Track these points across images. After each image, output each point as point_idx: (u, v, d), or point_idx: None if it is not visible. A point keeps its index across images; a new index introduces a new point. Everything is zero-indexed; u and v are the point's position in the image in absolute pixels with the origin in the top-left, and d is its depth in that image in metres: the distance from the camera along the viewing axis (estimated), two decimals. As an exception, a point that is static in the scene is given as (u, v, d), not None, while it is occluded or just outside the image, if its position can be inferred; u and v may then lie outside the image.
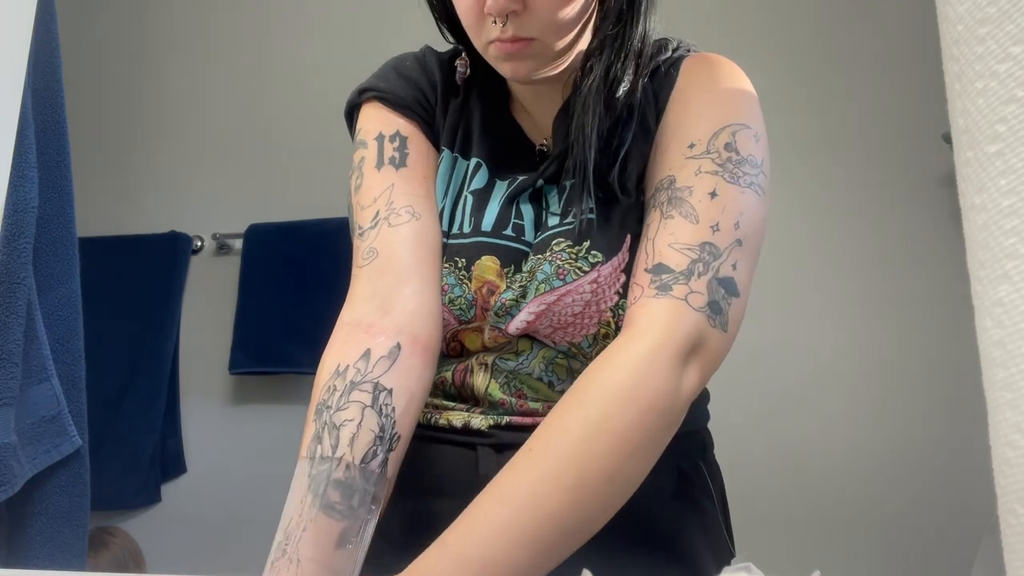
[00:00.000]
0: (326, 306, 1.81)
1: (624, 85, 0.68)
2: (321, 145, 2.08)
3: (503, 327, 0.69)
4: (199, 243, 2.15)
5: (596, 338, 0.68)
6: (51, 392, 0.96)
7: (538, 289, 0.67)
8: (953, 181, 0.73)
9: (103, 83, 2.30)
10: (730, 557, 0.73)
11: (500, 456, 0.68)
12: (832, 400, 1.81)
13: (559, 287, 0.67)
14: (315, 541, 0.54)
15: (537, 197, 0.73)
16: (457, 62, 0.77)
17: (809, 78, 1.96)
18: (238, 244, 2.12)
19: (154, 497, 2.00)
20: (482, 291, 0.69)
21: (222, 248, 2.15)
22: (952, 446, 1.70)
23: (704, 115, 0.67)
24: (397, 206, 0.69)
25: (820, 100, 1.95)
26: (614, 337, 0.61)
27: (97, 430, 1.23)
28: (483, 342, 0.71)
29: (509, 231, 0.71)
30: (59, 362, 1.00)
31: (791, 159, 1.87)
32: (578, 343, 0.69)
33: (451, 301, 0.69)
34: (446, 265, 0.70)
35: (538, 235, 0.71)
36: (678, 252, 0.60)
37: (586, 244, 0.68)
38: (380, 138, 0.73)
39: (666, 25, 0.73)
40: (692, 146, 0.65)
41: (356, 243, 0.69)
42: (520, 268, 0.70)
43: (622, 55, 0.67)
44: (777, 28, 2.00)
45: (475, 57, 0.73)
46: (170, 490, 2.03)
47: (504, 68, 0.68)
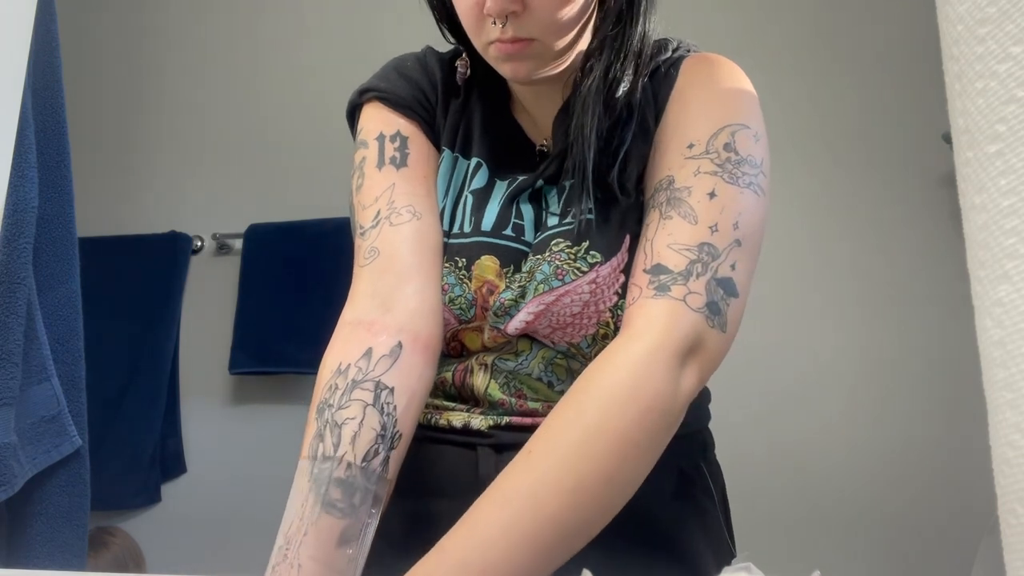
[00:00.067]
0: (326, 306, 1.84)
1: (624, 85, 0.68)
2: (321, 145, 2.08)
3: (502, 327, 0.69)
4: (199, 243, 2.15)
5: (595, 338, 0.68)
6: (51, 392, 0.96)
7: (537, 289, 0.67)
8: (953, 181, 0.73)
9: (103, 83, 2.30)
10: (731, 557, 0.73)
11: (500, 456, 0.68)
12: (832, 400, 1.81)
13: (558, 287, 0.67)
14: (316, 540, 0.54)
15: (537, 197, 0.73)
16: (457, 63, 0.77)
17: (809, 78, 1.96)
18: (238, 244, 2.12)
19: (154, 497, 2.00)
20: (482, 291, 0.69)
21: (222, 248, 2.15)
22: (952, 446, 1.70)
23: (703, 115, 0.67)
24: (398, 205, 0.69)
25: (820, 100, 1.95)
26: (613, 337, 0.61)
27: (97, 430, 1.23)
28: (483, 342, 0.71)
29: (509, 231, 0.71)
30: (59, 362, 1.00)
31: (791, 159, 1.87)
32: (577, 343, 0.69)
33: (451, 301, 0.69)
34: (446, 264, 0.70)
35: (538, 235, 0.71)
36: (676, 253, 0.60)
37: (585, 244, 0.68)
38: (381, 138, 0.73)
39: (666, 25, 0.73)
40: (691, 146, 0.65)
41: (357, 242, 0.69)
42: (519, 268, 0.69)
43: (621, 55, 0.67)
44: (777, 28, 2.00)
45: (476, 57, 0.73)
46: (170, 490, 2.03)
47: (504, 69, 0.68)
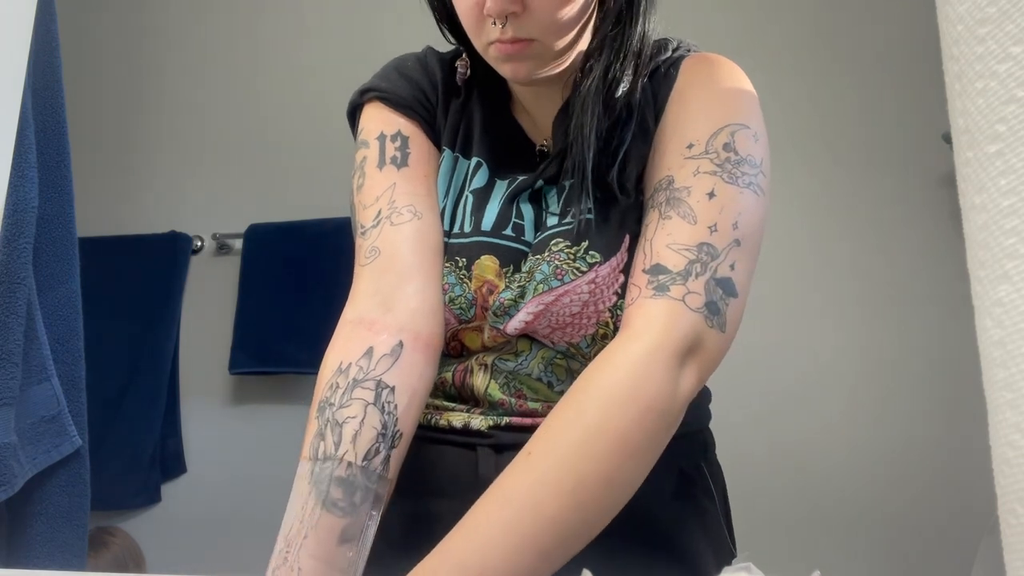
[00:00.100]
0: (326, 306, 1.84)
1: (623, 85, 0.68)
2: (321, 145, 2.08)
3: (501, 327, 0.69)
4: (199, 243, 2.15)
5: (594, 338, 0.68)
6: (51, 392, 0.96)
7: (536, 289, 0.67)
8: (953, 181, 0.73)
9: (103, 83, 2.30)
10: (731, 557, 0.73)
11: (500, 457, 0.68)
12: (832, 400, 1.81)
13: (557, 287, 0.67)
14: (317, 539, 0.54)
15: (537, 197, 0.73)
16: (457, 63, 0.77)
17: (809, 78, 1.96)
18: (238, 244, 2.12)
19: (154, 497, 2.00)
20: (482, 290, 0.69)
21: (222, 248, 2.15)
22: (952, 446, 1.70)
23: (703, 115, 0.67)
24: (399, 205, 0.69)
25: (820, 100, 1.95)
26: (612, 337, 0.61)
27: (97, 430, 1.23)
28: (483, 342, 0.71)
29: (509, 231, 0.71)
30: (59, 362, 1.00)
31: (791, 159, 1.87)
32: (576, 343, 0.69)
33: (451, 300, 0.69)
34: (447, 264, 0.70)
35: (537, 235, 0.71)
36: (676, 253, 0.60)
37: (584, 244, 0.68)
38: (382, 138, 0.73)
39: (666, 25, 0.72)
40: (691, 146, 0.65)
41: (358, 242, 0.69)
42: (519, 268, 0.69)
43: (621, 55, 0.67)
44: (777, 28, 2.00)
45: (476, 58, 0.73)
46: (170, 490, 2.03)
47: (504, 69, 0.68)
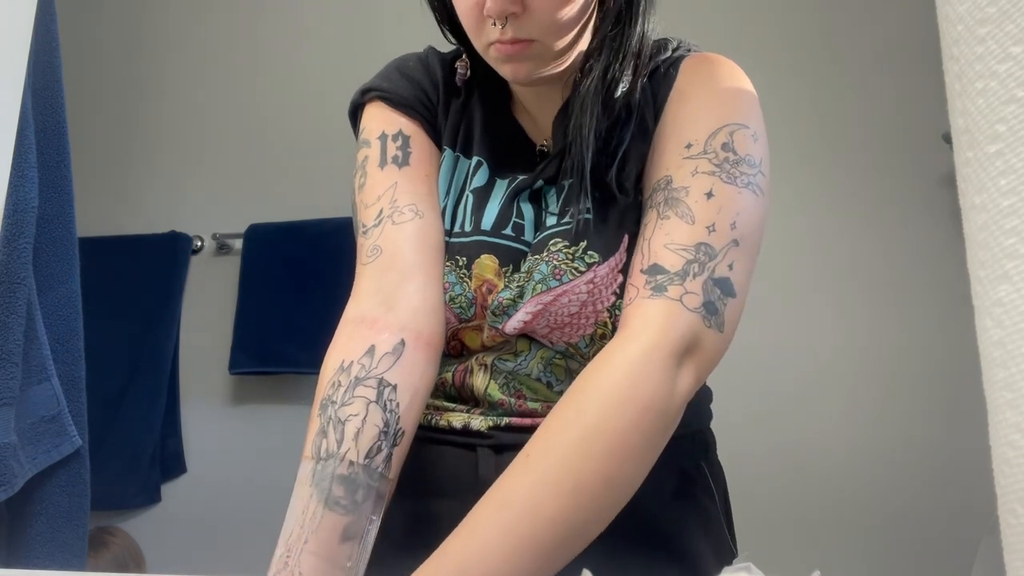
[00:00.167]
0: (326, 306, 1.84)
1: (622, 86, 0.68)
2: (321, 145, 2.08)
3: (499, 326, 0.69)
4: (199, 243, 2.15)
5: (593, 338, 0.68)
6: (51, 392, 0.96)
7: (535, 289, 0.67)
8: (953, 181, 0.73)
9: (103, 83, 2.30)
10: (732, 557, 0.73)
11: (499, 457, 0.68)
12: (832, 400, 1.81)
13: (555, 287, 0.67)
14: (318, 538, 0.54)
15: (537, 197, 0.73)
16: (457, 64, 0.77)
17: (809, 78, 1.96)
18: (238, 244, 2.12)
19: (154, 497, 2.00)
20: (481, 289, 0.70)
21: (222, 248, 2.15)
22: (952, 446, 1.70)
23: (702, 115, 0.67)
24: (400, 204, 0.69)
25: (820, 100, 1.95)
26: (611, 337, 0.61)
27: (97, 430, 1.23)
28: (483, 341, 0.71)
29: (509, 230, 0.71)
30: (59, 362, 1.00)
31: (791, 159, 1.87)
32: (575, 343, 0.69)
33: (452, 299, 0.69)
34: (447, 263, 0.70)
35: (537, 235, 0.71)
36: (673, 253, 0.60)
37: (583, 244, 0.68)
38: (383, 137, 0.73)
39: (666, 25, 0.72)
40: (689, 146, 0.65)
41: (360, 241, 0.69)
42: (518, 268, 0.70)
43: (620, 56, 0.67)
44: (777, 28, 2.00)
45: (477, 58, 0.73)
46: (170, 490, 2.03)
47: (504, 70, 0.68)
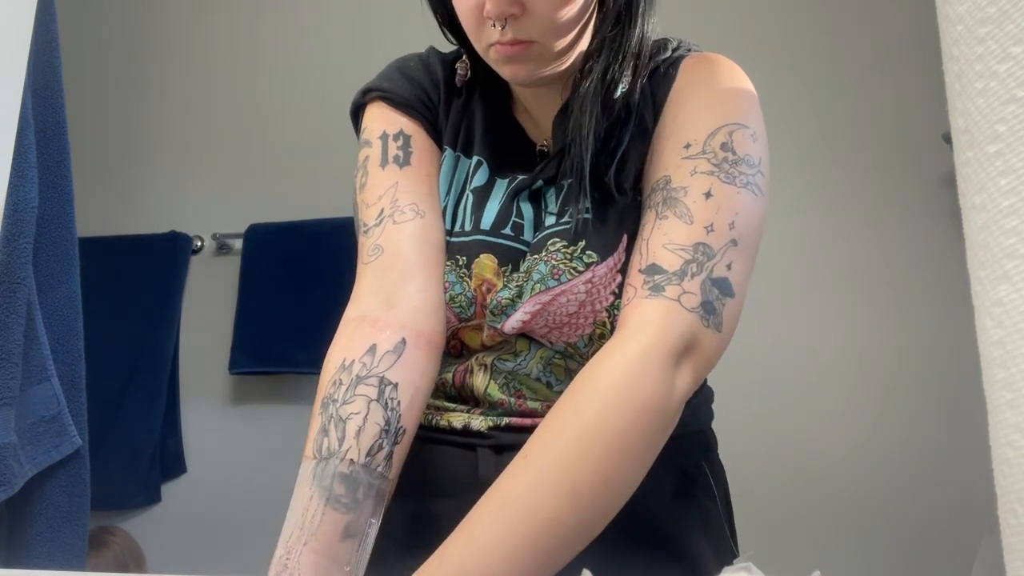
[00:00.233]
0: (326, 306, 1.84)
1: (622, 87, 0.68)
2: (321, 145, 2.08)
3: (498, 326, 0.69)
4: (199, 243, 2.15)
5: (592, 338, 0.68)
6: (51, 392, 0.96)
7: (534, 289, 0.67)
8: (953, 181, 0.73)
9: (103, 83, 2.30)
10: (733, 557, 0.72)
11: (499, 457, 0.68)
12: (832, 400, 1.81)
13: (554, 287, 0.67)
14: (318, 538, 0.54)
15: (537, 197, 0.73)
16: (457, 65, 0.77)
17: (809, 78, 1.96)
18: (238, 244, 2.12)
19: (154, 497, 2.00)
20: (481, 289, 0.70)
21: (222, 248, 2.15)
22: (952, 446, 1.70)
23: (701, 114, 0.67)
24: (401, 204, 0.69)
25: (820, 100, 1.95)
26: (610, 337, 0.61)
27: (97, 430, 1.23)
28: (482, 340, 0.71)
29: (508, 230, 0.71)
30: (59, 362, 1.00)
31: (791, 159, 1.87)
32: (574, 343, 0.69)
33: (451, 299, 0.69)
34: (448, 263, 0.70)
35: (536, 235, 0.71)
36: (671, 253, 0.60)
37: (581, 244, 0.68)
38: (384, 137, 0.73)
39: (666, 26, 0.72)
40: (688, 146, 0.65)
41: (361, 240, 0.69)
42: (517, 267, 0.70)
43: (620, 57, 0.67)
44: (777, 28, 2.00)
45: (477, 58, 0.73)
46: (170, 490, 2.03)
47: (504, 71, 0.68)
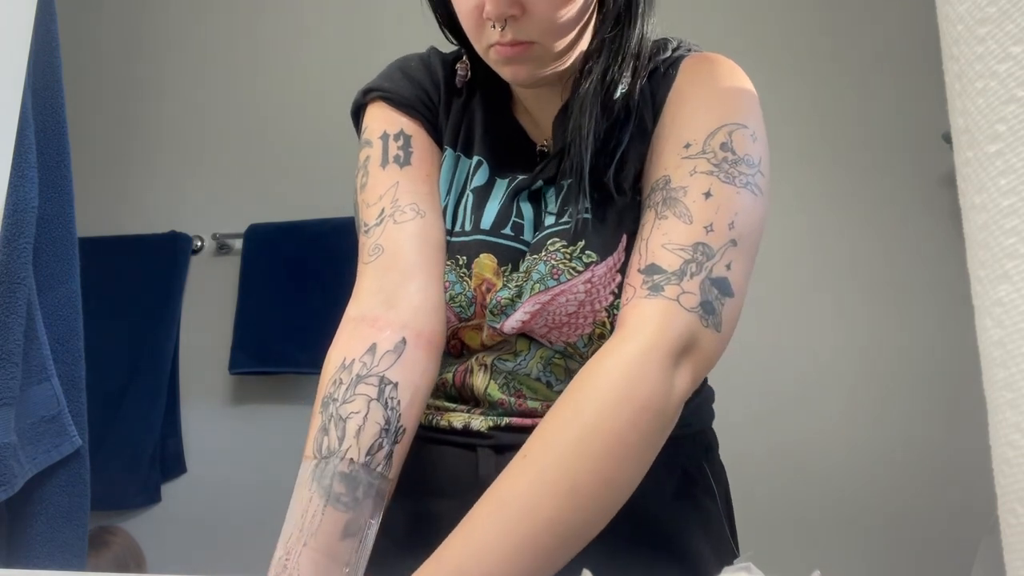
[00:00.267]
0: (326, 306, 1.84)
1: (621, 87, 0.68)
2: (321, 145, 2.08)
3: (498, 326, 0.69)
4: (199, 243, 2.15)
5: (591, 338, 0.68)
6: (51, 392, 0.96)
7: (533, 288, 0.67)
8: (953, 181, 0.73)
9: (103, 83, 2.30)
10: (733, 557, 0.72)
11: (500, 457, 0.69)
12: (832, 400, 1.81)
13: (553, 287, 0.67)
14: (317, 537, 0.54)
15: (537, 197, 0.74)
16: (457, 65, 0.77)
17: (809, 77, 1.96)
18: (238, 244, 2.12)
19: (154, 497, 2.00)
20: (481, 288, 0.70)
21: (222, 248, 2.15)
22: (952, 446, 1.70)
23: (701, 114, 0.67)
24: (402, 203, 0.69)
25: (820, 99, 1.95)
26: (609, 337, 0.61)
27: (97, 430, 1.23)
28: (482, 340, 0.71)
29: (508, 230, 0.71)
30: (59, 362, 1.00)
31: (791, 159, 1.87)
32: (573, 343, 0.69)
33: (451, 298, 0.70)
34: (448, 262, 0.70)
35: (536, 235, 0.71)
36: (671, 252, 0.60)
37: (581, 244, 0.68)
38: (385, 137, 0.73)
39: (666, 26, 0.72)
40: (688, 146, 0.65)
41: (362, 240, 0.70)
42: (517, 267, 0.70)
43: (619, 57, 0.67)
44: (777, 28, 2.00)
45: (478, 58, 0.73)
46: (170, 490, 2.03)
47: (504, 72, 0.68)
